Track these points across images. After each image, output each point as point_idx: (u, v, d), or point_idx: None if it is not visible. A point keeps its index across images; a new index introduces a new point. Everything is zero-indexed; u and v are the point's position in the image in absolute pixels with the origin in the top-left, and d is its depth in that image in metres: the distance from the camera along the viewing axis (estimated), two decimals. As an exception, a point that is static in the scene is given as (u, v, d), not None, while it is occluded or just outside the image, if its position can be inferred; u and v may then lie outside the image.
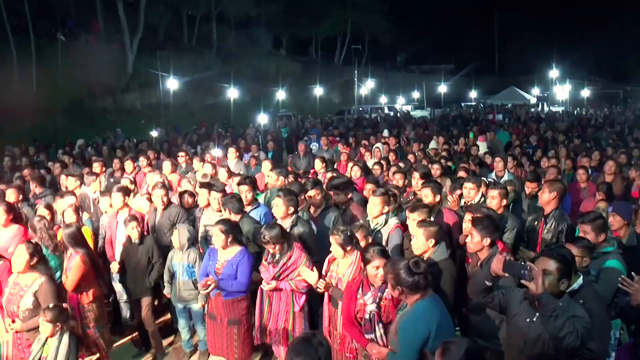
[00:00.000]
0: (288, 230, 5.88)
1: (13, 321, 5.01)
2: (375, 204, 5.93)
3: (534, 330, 3.72)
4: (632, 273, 4.26)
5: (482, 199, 6.90)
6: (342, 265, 5.16)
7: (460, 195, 7.05)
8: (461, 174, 8.83)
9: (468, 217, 5.60)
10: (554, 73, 58.05)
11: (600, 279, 4.86)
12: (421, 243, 5.02)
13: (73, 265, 5.67)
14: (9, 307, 5.06)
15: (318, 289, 5.22)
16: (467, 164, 10.21)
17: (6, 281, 5.23)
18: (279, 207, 6.02)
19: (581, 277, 4.17)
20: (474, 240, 4.87)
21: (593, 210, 5.84)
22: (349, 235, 5.06)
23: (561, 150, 12.09)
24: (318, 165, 10.12)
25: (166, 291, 6.48)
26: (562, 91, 54.61)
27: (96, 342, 5.81)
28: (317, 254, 5.82)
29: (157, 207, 7.19)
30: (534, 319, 3.72)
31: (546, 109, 45.32)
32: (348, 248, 5.05)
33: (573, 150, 12.89)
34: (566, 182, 9.50)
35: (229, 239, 5.57)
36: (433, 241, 5.00)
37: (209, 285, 5.44)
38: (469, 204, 6.72)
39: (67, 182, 8.70)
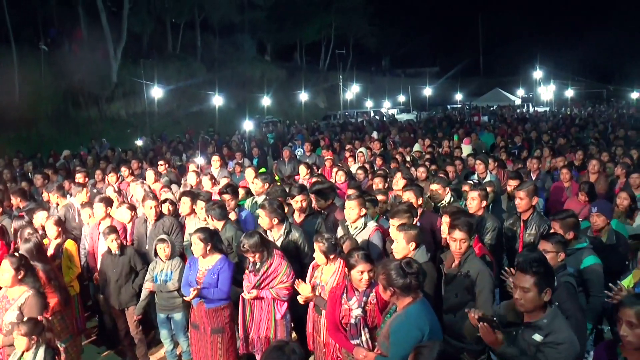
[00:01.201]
0: (283, 237, 5.91)
1: None
2: (352, 208, 5.91)
3: (518, 341, 3.68)
4: (618, 282, 4.28)
5: (452, 199, 7.00)
6: (326, 272, 5.14)
7: (430, 197, 7.14)
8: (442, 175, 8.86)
9: (446, 219, 5.58)
10: (538, 74, 58.62)
11: (587, 280, 4.89)
12: (402, 247, 5.00)
13: None
14: (-6, 320, 4.98)
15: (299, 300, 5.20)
16: (451, 166, 10.22)
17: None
18: (263, 218, 6.00)
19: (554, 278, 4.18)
20: (464, 244, 4.77)
21: (567, 209, 5.93)
22: (332, 244, 5.05)
23: (545, 150, 12.16)
24: (303, 171, 10.11)
25: (146, 285, 6.36)
26: (547, 92, 55.13)
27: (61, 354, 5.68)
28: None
29: (149, 218, 7.12)
30: (520, 331, 3.70)
31: (531, 109, 45.65)
32: (331, 256, 5.04)
33: (557, 150, 12.97)
34: (551, 182, 9.64)
35: (208, 247, 5.56)
36: (414, 244, 4.98)
37: (192, 293, 5.42)
38: (441, 205, 6.81)
39: (50, 197, 8.60)
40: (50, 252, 6.52)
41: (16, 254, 5.26)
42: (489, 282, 4.50)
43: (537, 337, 3.54)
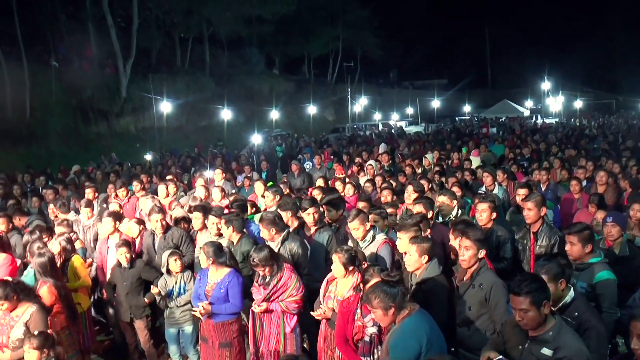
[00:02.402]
0: (279, 246, 5.88)
1: (2, 351, 4.93)
2: (356, 228, 5.89)
3: (525, 356, 3.67)
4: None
5: (460, 212, 6.93)
6: (342, 286, 5.11)
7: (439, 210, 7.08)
8: (454, 189, 8.80)
9: (452, 232, 5.48)
10: (546, 85, 58.58)
11: (599, 295, 4.79)
12: (414, 260, 4.97)
13: (40, 294, 5.54)
14: (-1, 337, 4.99)
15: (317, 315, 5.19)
16: (455, 178, 10.14)
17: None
18: (262, 231, 6.05)
19: (572, 289, 4.13)
20: (469, 252, 4.67)
21: (580, 222, 5.80)
22: (352, 255, 5.06)
23: (555, 161, 12.09)
24: (320, 184, 10.01)
25: (154, 291, 6.35)
26: (555, 103, 55.09)
27: None
28: (309, 267, 5.87)
29: (156, 231, 7.12)
30: (525, 346, 3.68)
31: (540, 121, 45.52)
32: (350, 268, 5.02)
33: (567, 161, 12.90)
34: (564, 192, 9.58)
35: (216, 260, 5.57)
36: (426, 257, 4.95)
37: (202, 309, 5.44)
38: (449, 218, 6.75)
39: (55, 212, 8.62)
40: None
41: None
42: (504, 294, 4.40)
43: (547, 352, 3.52)
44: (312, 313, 5.23)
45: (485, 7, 76.84)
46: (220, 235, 6.61)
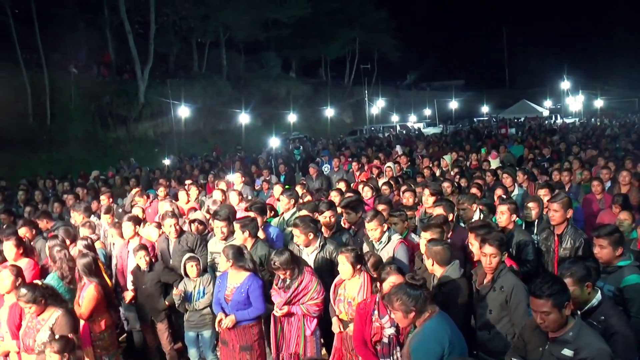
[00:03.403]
0: (318, 250, 5.90)
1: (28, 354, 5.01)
2: (373, 229, 5.86)
3: (546, 357, 3.61)
4: None
5: (482, 216, 6.85)
6: (350, 287, 5.12)
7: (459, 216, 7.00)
8: (474, 190, 8.72)
9: (472, 236, 5.44)
10: (565, 84, 57.93)
11: (628, 300, 4.63)
12: (430, 263, 4.99)
13: (87, 294, 5.71)
14: (26, 340, 5.07)
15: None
16: (481, 180, 10.05)
17: (24, 312, 5.23)
18: (299, 236, 5.93)
19: (599, 292, 4.03)
20: (494, 258, 4.60)
21: (609, 224, 5.67)
22: (359, 254, 5.09)
23: (575, 162, 11.92)
24: (342, 186, 9.95)
25: (175, 292, 6.35)
26: (575, 102, 54.47)
27: None
28: None
29: (170, 236, 7.14)
30: (546, 347, 3.62)
31: (559, 120, 45.06)
32: (358, 267, 5.04)
33: (588, 162, 12.71)
34: (583, 194, 9.43)
35: (236, 263, 5.56)
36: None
37: (228, 322, 5.46)
38: (470, 222, 6.66)
39: (75, 217, 8.70)
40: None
41: (23, 289, 5.13)
42: (525, 296, 4.32)
43: (567, 352, 3.48)
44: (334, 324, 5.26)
45: (502, 7, 76.49)
46: (225, 239, 6.52)
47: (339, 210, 7.03)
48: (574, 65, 60.25)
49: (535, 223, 6.52)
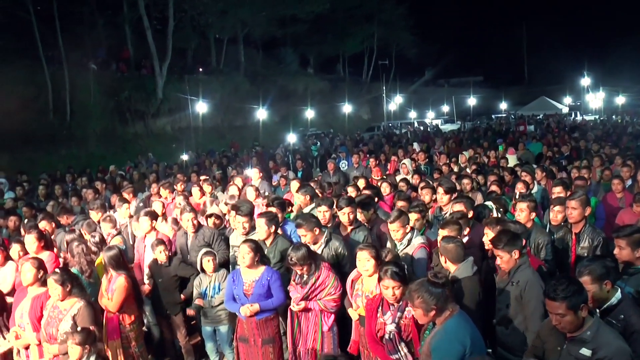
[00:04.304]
0: (323, 246, 5.90)
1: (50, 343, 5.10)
2: (395, 230, 5.84)
3: (563, 357, 3.60)
4: None
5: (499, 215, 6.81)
6: (368, 283, 5.13)
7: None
8: (493, 188, 8.66)
9: (487, 231, 5.45)
10: (585, 81, 57.18)
11: None
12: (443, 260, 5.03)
13: (117, 286, 5.78)
14: (48, 329, 5.15)
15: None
16: (499, 177, 9.95)
17: (45, 304, 5.33)
18: (306, 235, 5.94)
19: (619, 291, 3.99)
20: (504, 259, 4.66)
21: (630, 224, 5.57)
22: (377, 250, 5.11)
23: (596, 159, 11.78)
24: (361, 183, 9.93)
25: (193, 306, 6.45)
26: (595, 99, 53.74)
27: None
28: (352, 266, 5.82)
29: (188, 230, 7.19)
30: (564, 347, 3.60)
31: (579, 118, 44.54)
32: (379, 262, 5.04)
33: (608, 159, 12.56)
34: (603, 192, 9.31)
35: (257, 258, 5.58)
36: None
37: (248, 311, 5.47)
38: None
39: (92, 215, 8.79)
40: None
41: (57, 269, 5.40)
42: (538, 292, 4.31)
43: (585, 352, 3.45)
44: (349, 311, 5.28)
45: (522, 2, 75.77)
46: (246, 234, 6.54)
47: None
48: (595, 61, 59.54)
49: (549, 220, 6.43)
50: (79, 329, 4.90)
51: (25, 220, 9.10)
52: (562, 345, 3.61)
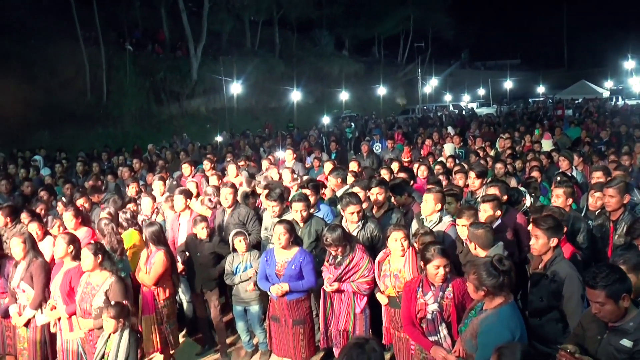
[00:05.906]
0: (360, 227, 5.90)
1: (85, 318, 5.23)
2: (428, 201, 5.84)
3: (603, 347, 3.51)
4: None
5: (532, 201, 6.70)
6: (396, 262, 5.15)
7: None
8: (534, 174, 8.50)
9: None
10: (629, 64, 55.50)
11: None
12: (472, 247, 5.00)
13: (156, 260, 5.89)
14: (82, 305, 5.27)
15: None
16: (537, 162, 9.75)
17: (78, 281, 5.42)
18: (347, 216, 5.94)
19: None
20: (540, 241, 4.52)
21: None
22: (407, 230, 5.17)
23: (637, 145, 11.45)
24: (395, 166, 9.87)
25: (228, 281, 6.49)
26: (639, 83, 52.13)
27: (167, 337, 6.01)
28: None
29: (224, 205, 7.23)
30: (604, 336, 3.52)
31: (621, 102, 43.36)
32: (407, 243, 5.13)
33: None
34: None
35: (291, 239, 5.60)
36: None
37: (280, 291, 5.49)
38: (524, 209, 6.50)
39: (129, 190, 8.93)
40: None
41: (92, 241, 5.57)
42: (579, 286, 4.20)
43: (627, 343, 3.35)
44: (377, 296, 5.29)
45: (563, -16, 73.77)
46: (279, 216, 6.53)
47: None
48: (639, 43, 57.68)
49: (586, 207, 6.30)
50: (112, 303, 5.02)
51: (64, 198, 9.29)
52: (602, 334, 3.52)
